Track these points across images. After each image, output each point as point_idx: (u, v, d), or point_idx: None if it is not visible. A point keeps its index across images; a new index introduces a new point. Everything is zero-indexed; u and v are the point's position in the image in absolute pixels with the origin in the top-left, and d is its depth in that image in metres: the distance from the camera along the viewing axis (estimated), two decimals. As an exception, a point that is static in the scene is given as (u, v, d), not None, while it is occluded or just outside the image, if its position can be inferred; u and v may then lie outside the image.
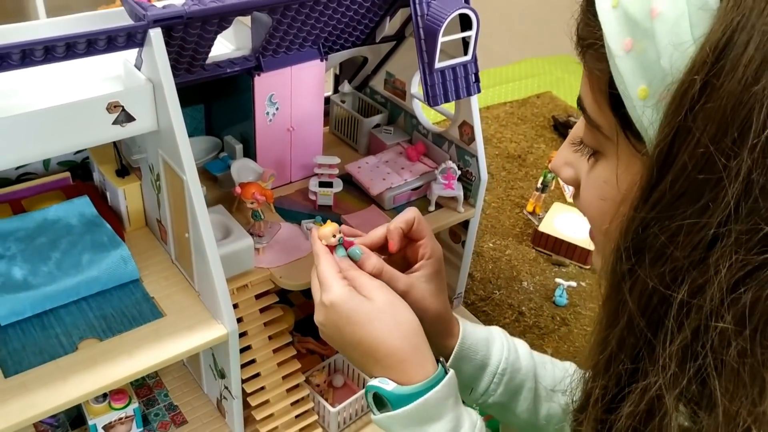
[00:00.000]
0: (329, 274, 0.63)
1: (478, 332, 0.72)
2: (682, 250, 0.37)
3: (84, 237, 0.87)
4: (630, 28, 0.40)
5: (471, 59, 0.96)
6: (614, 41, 0.41)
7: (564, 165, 0.53)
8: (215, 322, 0.83)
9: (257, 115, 0.96)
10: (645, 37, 0.39)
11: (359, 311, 0.60)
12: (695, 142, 0.35)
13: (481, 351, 0.71)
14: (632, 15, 0.40)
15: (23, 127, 0.68)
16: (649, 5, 0.39)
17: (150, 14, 0.70)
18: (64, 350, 0.77)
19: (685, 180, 0.36)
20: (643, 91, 0.39)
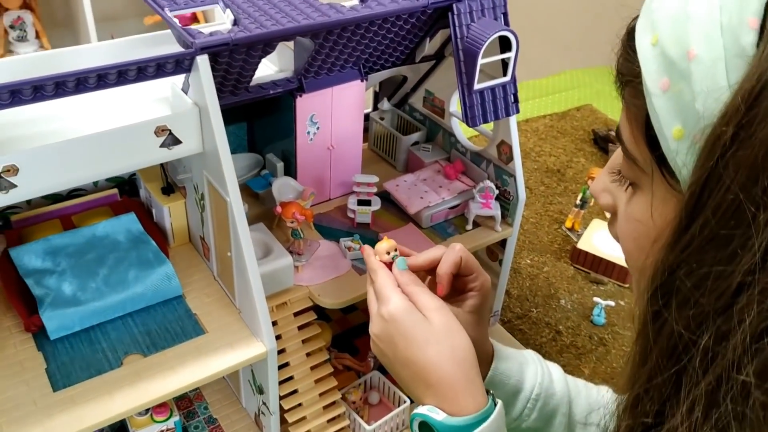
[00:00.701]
0: (388, 286, 0.62)
1: (511, 357, 0.72)
2: (708, 297, 0.37)
3: (130, 253, 0.89)
4: (667, 68, 0.40)
5: (510, 80, 0.96)
6: (651, 80, 0.41)
7: (603, 191, 0.53)
8: (255, 339, 0.84)
9: (298, 134, 0.98)
10: (681, 78, 0.39)
11: (416, 330, 0.59)
12: (725, 188, 0.35)
13: (514, 376, 0.71)
14: (670, 55, 0.40)
15: (75, 152, 0.70)
16: (686, 47, 0.39)
17: (198, 42, 0.72)
18: (110, 365, 0.80)
19: (715, 226, 0.36)
20: (678, 132, 0.40)
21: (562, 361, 1.17)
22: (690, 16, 0.41)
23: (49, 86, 0.67)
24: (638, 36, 0.45)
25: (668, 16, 0.43)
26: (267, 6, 0.83)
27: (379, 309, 0.62)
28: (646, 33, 0.44)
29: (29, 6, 2.19)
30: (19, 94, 0.66)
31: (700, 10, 0.41)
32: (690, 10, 0.41)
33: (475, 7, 0.91)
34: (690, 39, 0.40)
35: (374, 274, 0.65)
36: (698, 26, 0.40)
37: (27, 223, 0.93)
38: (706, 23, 0.40)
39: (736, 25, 0.38)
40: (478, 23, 0.91)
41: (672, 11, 0.43)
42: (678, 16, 0.42)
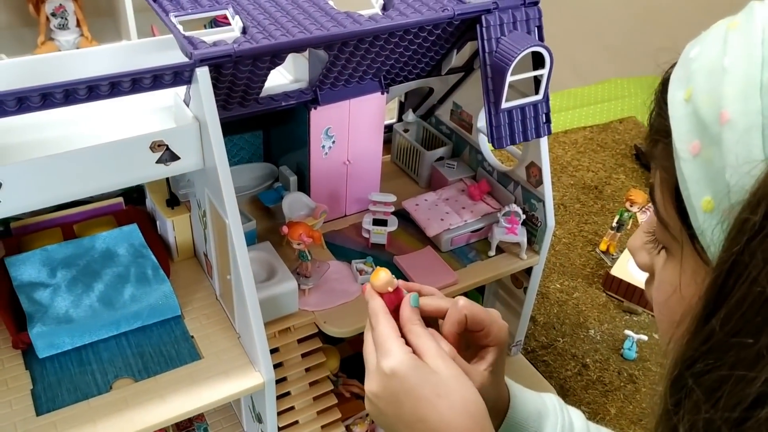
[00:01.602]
0: (389, 335, 0.54)
1: (529, 405, 0.66)
2: (723, 406, 0.33)
3: (129, 269, 0.85)
4: (698, 130, 0.36)
5: (542, 98, 0.89)
6: (681, 141, 0.37)
7: (641, 248, 0.48)
8: (252, 369, 0.79)
9: (312, 148, 0.93)
10: (712, 143, 0.35)
11: (425, 385, 0.52)
12: (751, 280, 0.31)
13: (531, 427, 0.65)
14: (702, 115, 0.36)
15: (63, 167, 0.66)
16: (719, 107, 0.35)
17: (197, 53, 0.67)
18: (98, 389, 0.76)
19: (739, 320, 0.32)
20: (707, 204, 0.36)
21: (588, 397, 1.09)
22: (727, 70, 0.36)
23: (34, 98, 0.62)
24: (671, 89, 0.40)
25: (705, 67, 0.38)
26: (279, 14, 0.77)
27: (380, 363, 0.55)
28: (681, 86, 0.39)
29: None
30: (2, 105, 0.61)
31: (738, 64, 0.36)
32: (727, 63, 0.36)
33: (506, 20, 0.84)
34: (724, 98, 0.35)
35: (375, 319, 0.58)
36: (734, 83, 0.35)
37: (27, 231, 0.90)
38: (743, 81, 0.35)
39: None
40: (509, 37, 0.83)
41: (709, 62, 0.38)
42: (714, 68, 0.37)
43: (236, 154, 1.05)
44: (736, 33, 0.37)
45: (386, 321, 0.57)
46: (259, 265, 0.85)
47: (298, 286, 0.84)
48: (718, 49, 0.38)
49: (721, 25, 0.39)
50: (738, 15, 0.39)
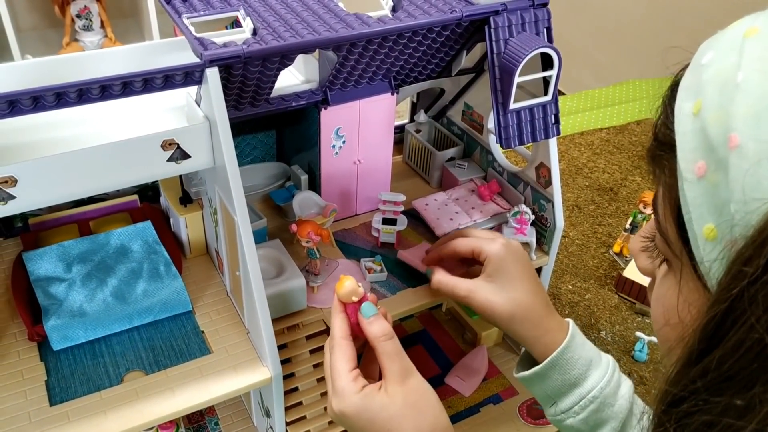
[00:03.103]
0: (340, 372, 0.55)
1: (585, 351, 0.68)
2: None
3: (142, 265, 0.87)
4: (705, 150, 0.33)
5: (551, 99, 0.89)
6: (686, 160, 0.34)
7: (641, 252, 0.47)
8: (260, 364, 0.81)
9: (323, 148, 0.94)
10: (719, 167, 0.32)
11: (375, 421, 0.54)
12: (749, 325, 0.29)
13: (578, 368, 0.66)
14: (710, 134, 0.33)
15: (77, 164, 0.68)
16: (728, 129, 0.32)
17: (207, 54, 0.68)
18: (110, 381, 0.77)
19: (734, 365, 0.30)
20: (709, 231, 0.33)
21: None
22: (740, 87, 0.32)
23: (49, 97, 0.64)
24: (680, 98, 0.37)
25: (717, 79, 0.34)
26: (289, 15, 0.79)
27: (330, 401, 0.56)
28: (690, 96, 0.36)
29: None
30: (18, 104, 0.63)
31: (753, 81, 0.32)
32: (741, 79, 0.33)
33: (514, 21, 0.84)
34: (734, 119, 0.32)
35: (331, 343, 0.58)
36: (747, 104, 0.32)
37: (44, 227, 0.92)
38: (757, 101, 0.31)
39: None
40: (517, 38, 0.84)
41: (722, 73, 0.34)
42: (727, 82, 0.33)
43: (249, 154, 1.07)
44: (754, 42, 0.33)
45: (340, 351, 0.56)
46: (269, 262, 0.87)
47: (307, 283, 0.86)
48: (732, 60, 0.34)
49: (738, 29, 0.35)
50: (758, 18, 0.35)
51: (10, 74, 0.79)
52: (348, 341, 0.57)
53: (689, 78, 0.37)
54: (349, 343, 0.57)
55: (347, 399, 0.55)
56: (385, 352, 0.55)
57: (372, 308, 0.57)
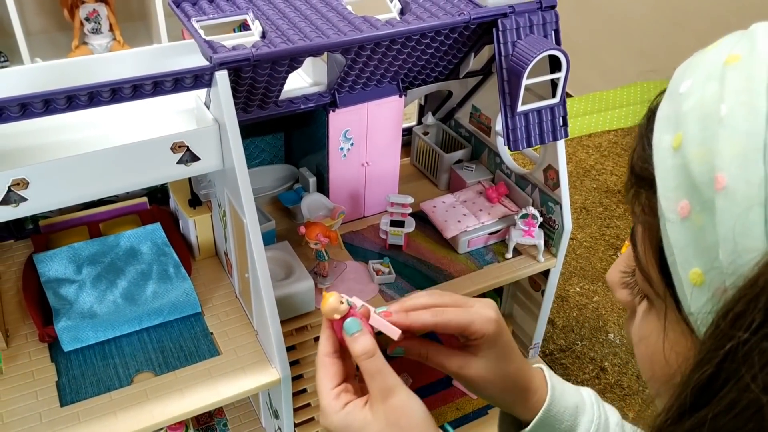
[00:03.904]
0: (324, 389, 0.54)
1: (567, 398, 0.64)
2: None
3: (151, 266, 0.88)
4: (689, 189, 0.30)
5: (559, 102, 0.89)
6: (667, 199, 0.31)
7: (619, 285, 0.42)
8: (269, 365, 0.81)
9: (331, 150, 0.94)
10: (705, 209, 0.30)
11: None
12: (744, 385, 0.27)
13: (567, 421, 0.63)
14: (693, 172, 0.30)
15: (88, 167, 0.69)
16: (713, 168, 0.29)
17: (216, 57, 0.69)
18: (120, 383, 0.78)
19: (727, 424, 0.28)
20: (696, 277, 0.30)
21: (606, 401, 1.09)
22: (724, 122, 0.30)
23: (60, 100, 0.65)
24: (658, 129, 0.34)
25: (698, 110, 0.31)
26: (298, 19, 0.79)
27: (321, 416, 0.56)
28: (669, 128, 0.33)
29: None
30: (30, 107, 0.64)
31: (738, 116, 0.29)
32: (725, 112, 0.30)
33: (522, 24, 0.84)
34: (720, 157, 0.29)
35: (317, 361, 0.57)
36: (733, 141, 0.29)
37: (55, 229, 0.93)
38: (744, 139, 0.29)
39: None
40: (525, 41, 0.84)
41: (703, 105, 0.31)
42: (709, 115, 0.31)
43: (258, 156, 1.07)
44: (737, 72, 0.31)
45: (323, 368, 0.55)
46: (277, 264, 0.87)
47: (315, 285, 0.86)
48: (713, 90, 0.31)
49: (718, 55, 0.32)
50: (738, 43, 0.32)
51: (21, 78, 0.79)
52: (331, 358, 0.56)
53: (667, 107, 0.34)
54: (333, 360, 0.56)
55: (330, 417, 0.54)
56: (367, 370, 0.53)
57: (356, 325, 0.54)
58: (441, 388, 1.11)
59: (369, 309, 0.58)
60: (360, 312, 0.56)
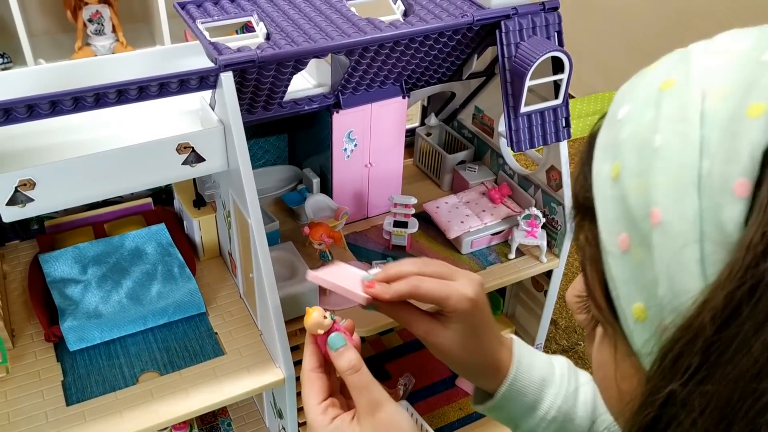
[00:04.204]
0: (309, 405, 0.54)
1: (533, 372, 0.64)
2: None
3: (156, 266, 0.88)
4: (627, 222, 0.30)
5: (562, 103, 0.90)
6: (608, 231, 0.31)
7: (576, 308, 0.41)
8: (273, 365, 0.81)
9: (334, 151, 0.95)
10: (642, 244, 0.29)
11: None
12: (690, 423, 0.26)
13: (531, 394, 0.64)
14: (631, 205, 0.29)
15: (94, 167, 0.69)
16: (649, 202, 0.28)
17: (221, 59, 0.69)
18: (125, 382, 0.78)
19: None
20: (639, 311, 0.30)
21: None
22: (658, 153, 0.29)
23: (67, 101, 0.65)
24: (597, 157, 0.33)
25: (634, 139, 0.30)
26: (302, 20, 0.80)
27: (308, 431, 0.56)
28: (607, 157, 0.32)
29: (107, 1, 2.25)
30: (36, 108, 0.65)
31: (671, 147, 0.28)
32: (659, 143, 0.29)
33: (525, 25, 0.85)
34: (655, 190, 0.28)
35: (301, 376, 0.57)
36: (667, 173, 0.28)
37: (60, 229, 0.93)
38: (676, 171, 0.28)
39: (718, 186, 0.26)
40: (528, 42, 0.84)
41: (639, 134, 0.30)
42: (645, 145, 0.30)
43: (262, 157, 1.08)
44: (670, 98, 0.30)
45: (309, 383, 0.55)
46: (281, 265, 0.88)
47: (318, 285, 0.86)
48: (649, 118, 0.30)
49: (655, 79, 0.31)
50: (676, 66, 0.31)
51: (26, 79, 0.80)
52: (316, 373, 0.56)
53: (606, 134, 0.33)
54: (318, 375, 0.56)
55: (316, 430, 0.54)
56: (353, 385, 0.54)
57: (340, 340, 0.55)
58: (444, 389, 1.12)
59: (352, 324, 0.58)
60: (344, 326, 0.56)
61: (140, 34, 2.51)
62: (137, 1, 2.49)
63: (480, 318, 0.61)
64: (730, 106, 0.27)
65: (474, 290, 0.60)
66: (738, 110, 0.27)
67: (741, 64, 0.28)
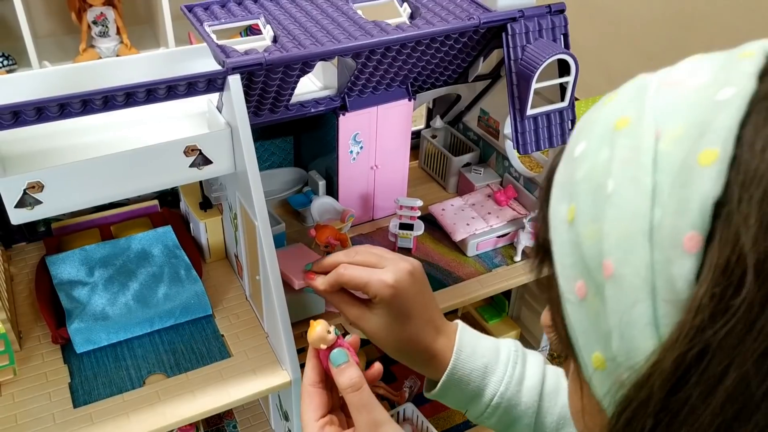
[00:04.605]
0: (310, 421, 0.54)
1: (476, 360, 0.65)
2: None
3: (163, 269, 0.88)
4: (583, 270, 0.29)
5: (568, 105, 0.90)
6: (565, 277, 0.30)
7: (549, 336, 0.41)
8: (279, 367, 0.81)
9: (340, 153, 0.95)
10: (598, 294, 0.28)
11: None
12: None
13: (474, 382, 0.64)
14: (585, 252, 0.28)
15: (102, 170, 0.69)
16: (601, 252, 0.27)
17: (229, 62, 0.70)
18: (131, 384, 0.78)
19: None
20: (597, 360, 0.29)
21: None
22: (611, 199, 0.27)
23: (75, 104, 0.65)
24: (554, 196, 0.32)
25: (588, 182, 0.29)
26: (309, 23, 0.80)
27: None
28: (563, 197, 0.31)
29: (112, 3, 2.26)
30: (45, 111, 0.65)
31: (623, 193, 0.27)
32: (612, 188, 0.28)
33: (531, 28, 0.85)
34: (607, 240, 0.27)
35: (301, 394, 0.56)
36: (619, 221, 0.27)
37: (67, 231, 0.94)
38: (628, 220, 0.27)
39: (669, 239, 0.25)
40: (534, 45, 0.85)
41: (593, 176, 0.29)
42: (598, 189, 0.28)
43: (268, 159, 1.08)
44: (624, 138, 0.28)
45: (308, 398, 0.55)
46: (288, 267, 0.88)
47: (325, 287, 0.86)
48: (603, 159, 0.29)
49: (611, 114, 0.30)
50: (631, 100, 0.30)
51: (34, 82, 0.80)
52: (316, 388, 0.55)
53: (563, 171, 0.32)
54: (318, 390, 0.55)
55: None
56: (353, 403, 0.53)
57: (342, 356, 0.54)
58: (449, 391, 1.12)
59: (357, 339, 0.58)
60: (348, 342, 0.56)
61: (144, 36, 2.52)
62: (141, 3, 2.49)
63: (403, 304, 0.63)
64: (683, 151, 0.25)
65: (395, 277, 0.63)
66: (689, 156, 0.25)
67: (695, 103, 0.26)
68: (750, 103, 0.25)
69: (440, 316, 0.68)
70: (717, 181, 0.24)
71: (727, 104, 0.25)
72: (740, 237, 0.22)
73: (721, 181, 0.24)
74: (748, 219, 0.22)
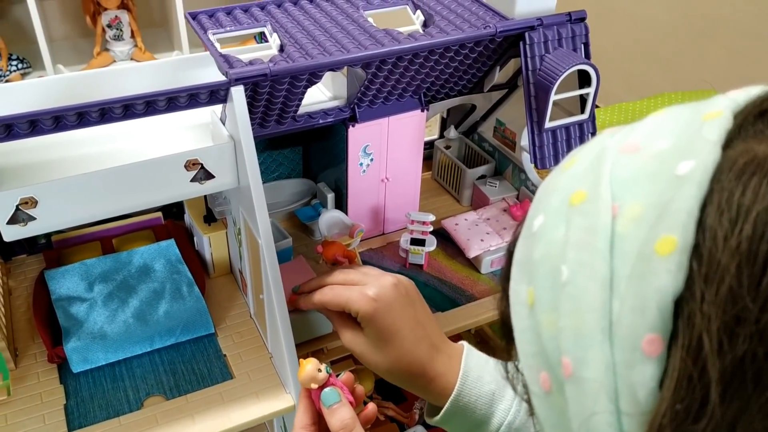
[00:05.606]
0: None
1: (482, 386, 0.61)
2: None
3: (164, 285, 0.85)
4: (544, 362, 0.26)
5: (588, 118, 0.86)
6: (529, 367, 0.27)
7: None
8: (283, 390, 0.78)
9: (350, 165, 0.91)
10: (560, 391, 0.25)
11: None
12: None
13: (480, 409, 0.60)
14: (545, 344, 0.26)
15: (99, 185, 0.66)
16: (559, 348, 0.25)
17: (232, 72, 0.66)
18: (129, 407, 0.75)
19: None
20: None
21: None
22: (565, 288, 0.25)
23: (71, 116, 0.62)
24: (514, 277, 0.30)
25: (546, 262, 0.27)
26: (317, 32, 0.76)
27: None
28: (523, 278, 0.29)
29: (126, 6, 2.24)
30: (39, 124, 0.62)
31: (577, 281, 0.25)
32: (566, 276, 0.25)
33: (551, 37, 0.81)
34: (564, 337, 0.25)
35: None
36: (574, 315, 0.25)
37: (67, 244, 0.91)
38: (583, 314, 0.24)
39: (629, 339, 0.22)
40: (553, 54, 0.81)
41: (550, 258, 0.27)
42: (554, 273, 0.26)
43: (275, 170, 1.05)
44: (578, 216, 0.26)
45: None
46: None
47: (332, 306, 0.83)
48: (559, 238, 0.26)
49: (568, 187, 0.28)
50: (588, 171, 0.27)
51: (36, 90, 0.78)
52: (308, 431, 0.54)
53: (522, 249, 0.30)
54: None
55: None
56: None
57: (334, 396, 0.52)
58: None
59: (351, 377, 0.56)
60: (341, 380, 0.53)
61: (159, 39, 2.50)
62: (156, 7, 2.48)
63: (388, 319, 0.59)
64: (640, 236, 0.23)
65: (377, 291, 0.60)
66: (647, 244, 0.22)
67: (654, 175, 0.24)
68: (711, 179, 0.22)
69: (438, 333, 0.64)
70: (677, 274, 0.21)
71: (687, 180, 0.22)
72: (703, 345, 0.20)
73: (681, 275, 0.21)
74: (712, 323, 0.20)
